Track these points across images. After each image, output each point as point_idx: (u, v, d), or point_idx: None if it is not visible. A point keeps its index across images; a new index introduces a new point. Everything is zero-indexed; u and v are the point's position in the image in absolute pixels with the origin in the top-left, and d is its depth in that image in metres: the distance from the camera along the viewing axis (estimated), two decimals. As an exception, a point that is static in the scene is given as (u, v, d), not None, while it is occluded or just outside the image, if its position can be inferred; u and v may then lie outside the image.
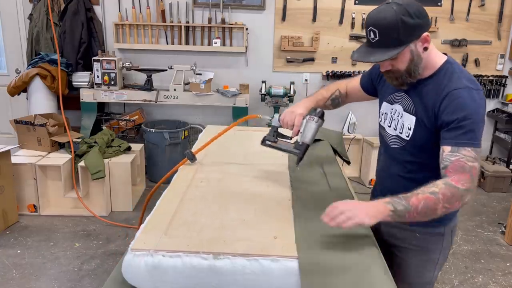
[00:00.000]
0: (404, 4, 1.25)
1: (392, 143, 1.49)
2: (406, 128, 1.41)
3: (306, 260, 1.14)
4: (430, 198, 1.22)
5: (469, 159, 1.25)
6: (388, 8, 1.25)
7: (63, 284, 2.67)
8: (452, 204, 1.24)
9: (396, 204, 1.23)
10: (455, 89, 1.29)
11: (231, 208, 1.46)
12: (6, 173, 3.30)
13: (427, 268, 1.52)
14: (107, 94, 4.18)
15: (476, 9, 4.41)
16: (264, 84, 4.30)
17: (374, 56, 1.28)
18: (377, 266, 1.16)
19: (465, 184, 1.24)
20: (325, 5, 4.38)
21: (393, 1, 1.26)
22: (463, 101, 1.26)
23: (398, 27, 1.23)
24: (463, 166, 1.25)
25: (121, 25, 4.33)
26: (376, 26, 1.26)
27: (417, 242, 1.49)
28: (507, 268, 3.02)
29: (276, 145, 1.63)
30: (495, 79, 4.59)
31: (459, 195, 1.23)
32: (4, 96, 4.30)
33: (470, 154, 1.25)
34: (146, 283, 1.14)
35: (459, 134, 1.26)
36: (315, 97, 1.72)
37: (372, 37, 1.28)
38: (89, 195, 3.63)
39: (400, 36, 1.25)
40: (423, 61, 1.32)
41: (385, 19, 1.24)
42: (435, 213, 1.24)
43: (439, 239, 1.49)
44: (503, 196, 4.31)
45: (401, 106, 1.44)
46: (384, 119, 1.54)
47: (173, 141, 4.16)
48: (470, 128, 1.25)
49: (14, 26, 4.49)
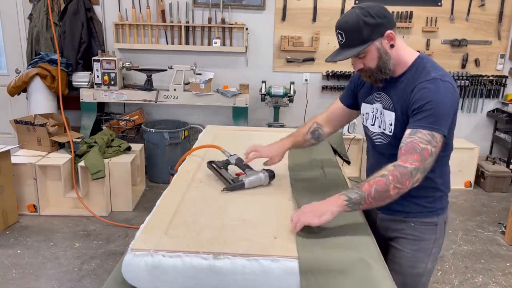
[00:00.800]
0: (366, 7, 1.37)
1: (378, 140, 1.56)
2: (388, 124, 1.49)
3: (305, 260, 1.14)
4: (380, 181, 1.30)
5: (422, 141, 1.32)
6: (352, 12, 1.38)
7: (63, 284, 2.67)
8: (403, 184, 1.30)
9: (350, 193, 1.31)
10: (422, 81, 1.37)
11: (231, 208, 1.46)
12: (6, 173, 3.30)
13: (420, 258, 1.56)
14: (107, 94, 4.18)
15: (476, 9, 4.41)
16: (264, 84, 4.30)
17: (341, 55, 1.40)
18: (377, 266, 1.16)
19: (414, 163, 1.30)
20: (325, 5, 4.38)
21: (357, 6, 1.39)
22: (427, 91, 1.34)
23: (360, 27, 1.35)
24: (415, 147, 1.32)
25: (121, 25, 4.33)
26: (341, 28, 1.39)
27: (411, 232, 1.54)
28: (507, 268, 3.02)
29: (218, 171, 1.72)
30: (495, 79, 4.59)
31: (408, 174, 1.30)
32: (4, 96, 4.30)
33: (425, 137, 1.32)
34: (146, 283, 1.14)
35: (419, 119, 1.34)
36: (293, 135, 1.78)
37: (340, 39, 1.41)
38: (89, 195, 3.63)
39: (363, 35, 1.36)
40: (393, 58, 1.42)
41: (348, 22, 1.37)
42: (388, 195, 1.30)
43: (433, 229, 1.56)
44: (503, 196, 4.30)
45: (380, 104, 1.52)
46: (366, 119, 1.61)
47: (173, 141, 4.17)
48: (430, 113, 1.32)
49: (14, 26, 4.49)
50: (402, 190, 1.31)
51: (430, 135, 1.32)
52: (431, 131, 1.32)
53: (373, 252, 1.24)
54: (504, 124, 4.47)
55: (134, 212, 3.71)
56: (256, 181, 1.64)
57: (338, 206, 1.29)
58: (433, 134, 1.32)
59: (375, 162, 1.60)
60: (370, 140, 1.64)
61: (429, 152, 1.31)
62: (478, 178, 4.49)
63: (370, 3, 1.39)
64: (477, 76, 4.57)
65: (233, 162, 1.75)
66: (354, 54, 1.38)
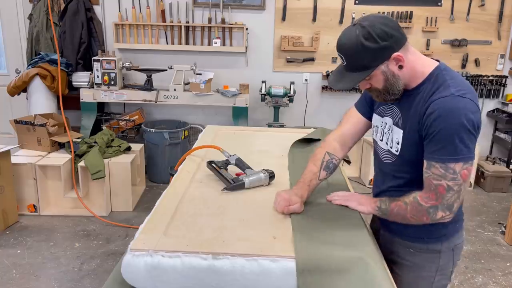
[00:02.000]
0: (368, 26, 1.19)
1: (384, 158, 1.45)
2: (395, 143, 1.37)
3: (303, 259, 1.14)
4: (401, 206, 1.31)
5: (435, 177, 1.22)
6: (351, 32, 1.22)
7: (63, 284, 2.67)
8: (419, 218, 1.28)
9: (382, 203, 1.37)
10: (438, 98, 1.20)
11: (230, 208, 1.46)
12: (6, 173, 3.30)
13: (420, 287, 1.46)
14: (107, 94, 4.18)
15: (476, 9, 4.41)
16: (264, 84, 4.30)
17: (342, 82, 1.28)
18: (376, 265, 1.16)
19: (429, 202, 1.25)
20: (325, 5, 4.38)
21: (358, 23, 1.22)
22: (443, 112, 1.18)
23: (360, 53, 1.21)
24: (429, 185, 1.24)
25: (121, 25, 4.33)
26: (340, 51, 1.26)
27: (411, 258, 1.44)
28: (507, 268, 3.02)
29: (218, 171, 1.70)
30: (495, 79, 4.59)
31: (424, 212, 1.26)
32: (4, 96, 4.30)
33: (437, 171, 1.21)
34: (146, 283, 1.14)
35: (433, 150, 1.22)
36: (304, 180, 1.49)
37: (342, 61, 1.28)
38: (89, 195, 3.64)
39: (364, 62, 1.23)
40: (405, 74, 1.27)
41: (346, 45, 1.24)
42: (407, 219, 1.31)
43: (435, 256, 1.42)
44: (503, 196, 4.30)
45: (391, 119, 1.39)
46: (376, 132, 1.49)
47: (173, 141, 4.17)
48: (444, 144, 1.19)
49: (14, 26, 4.49)
50: (420, 221, 1.29)
51: (444, 168, 1.19)
52: (444, 163, 1.19)
53: (373, 252, 1.24)
54: (504, 124, 4.47)
55: (134, 212, 3.71)
56: (256, 181, 1.64)
57: (372, 208, 1.40)
58: (447, 167, 1.19)
59: (379, 181, 1.52)
60: (377, 156, 1.52)
61: (444, 187, 1.21)
62: (478, 178, 4.49)
63: (374, 19, 1.22)
64: (477, 76, 4.57)
65: (233, 162, 1.75)
66: (355, 82, 1.26)
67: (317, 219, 1.38)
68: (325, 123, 3.21)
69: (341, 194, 1.50)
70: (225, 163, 1.75)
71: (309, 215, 1.40)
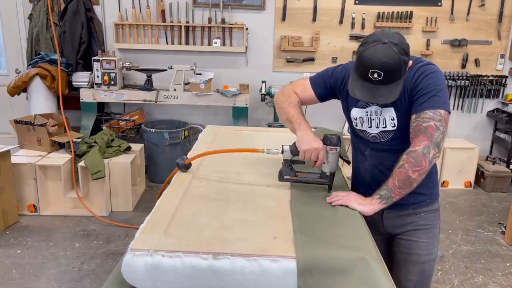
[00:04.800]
0: (399, 43, 1.35)
1: (379, 139, 1.58)
2: (389, 120, 1.52)
3: (303, 260, 1.14)
4: (399, 172, 1.41)
5: (425, 120, 1.40)
6: (389, 50, 1.34)
7: (63, 284, 2.67)
8: (420, 166, 1.38)
9: (380, 191, 1.46)
10: (422, 66, 1.45)
11: (230, 208, 1.46)
12: (6, 173, 3.30)
13: (434, 244, 1.65)
14: (107, 94, 4.18)
15: (476, 9, 4.41)
16: (264, 84, 4.30)
17: (383, 96, 1.38)
18: (377, 265, 1.16)
19: (421, 144, 1.39)
20: (325, 5, 4.38)
21: (389, 41, 1.34)
22: (428, 72, 1.43)
23: (401, 68, 1.36)
24: (419, 129, 1.40)
25: (121, 25, 4.33)
26: (382, 69, 1.34)
27: (424, 222, 1.62)
28: (507, 268, 3.02)
29: (298, 179, 1.60)
30: (495, 79, 4.59)
31: (420, 155, 1.38)
32: (4, 96, 4.30)
33: (427, 115, 1.40)
34: (146, 283, 1.14)
35: (422, 102, 1.42)
36: (302, 116, 1.67)
37: (375, 77, 1.36)
38: (89, 195, 3.64)
39: (401, 74, 1.38)
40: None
41: (389, 63, 1.34)
42: (412, 180, 1.40)
43: (437, 214, 1.66)
44: (503, 196, 4.30)
45: (376, 105, 1.53)
46: (361, 123, 1.60)
47: (173, 141, 4.17)
48: (432, 95, 1.41)
49: (14, 26, 4.49)
50: (423, 170, 1.39)
51: (433, 112, 1.39)
52: (433, 109, 1.39)
53: (373, 252, 1.24)
54: (504, 124, 4.47)
55: (134, 212, 3.71)
56: (335, 160, 1.55)
57: (373, 205, 1.45)
58: (435, 111, 1.39)
59: (377, 163, 1.61)
60: (366, 144, 1.63)
61: (433, 127, 1.38)
62: (478, 178, 4.49)
63: (397, 35, 1.38)
64: (477, 76, 4.57)
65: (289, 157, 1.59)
66: (397, 92, 1.38)
67: (318, 219, 1.38)
68: (325, 123, 3.22)
69: (341, 194, 1.52)
70: (288, 164, 1.59)
71: (310, 216, 1.40)
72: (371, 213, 1.46)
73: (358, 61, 1.41)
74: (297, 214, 1.41)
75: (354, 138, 1.70)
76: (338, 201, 1.49)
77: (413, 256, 1.64)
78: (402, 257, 1.67)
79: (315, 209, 1.45)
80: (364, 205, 1.46)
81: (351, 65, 1.57)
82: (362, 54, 1.37)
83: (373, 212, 1.46)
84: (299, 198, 1.55)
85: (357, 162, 1.73)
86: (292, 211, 1.43)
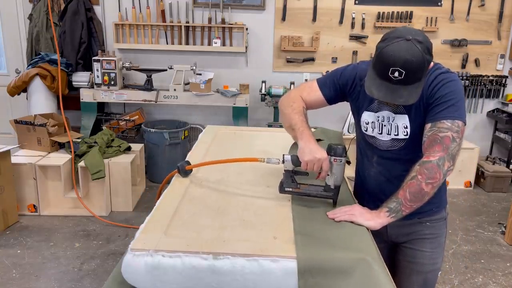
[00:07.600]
0: (423, 41, 1.27)
1: (388, 147, 1.50)
2: (402, 128, 1.44)
3: (304, 260, 1.14)
4: (412, 184, 1.31)
5: (442, 130, 1.31)
6: (413, 48, 1.25)
7: (63, 284, 2.67)
8: (434, 178, 1.30)
9: (389, 204, 1.35)
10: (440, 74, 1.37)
11: (231, 208, 1.46)
12: (6, 173, 3.30)
13: (439, 254, 1.60)
14: (107, 94, 4.18)
15: (476, 9, 4.41)
16: (264, 84, 4.30)
17: (403, 97, 1.29)
18: (377, 266, 1.16)
19: (436, 155, 1.30)
20: (325, 5, 4.38)
21: (413, 38, 1.25)
22: (447, 80, 1.35)
23: (424, 68, 1.28)
24: (435, 139, 1.32)
25: (121, 25, 4.33)
26: (404, 68, 1.25)
27: (429, 231, 1.56)
28: (507, 268, 3.02)
29: (301, 191, 1.49)
30: (495, 79, 4.59)
31: (435, 167, 1.29)
32: (4, 96, 4.30)
33: (444, 125, 1.32)
34: (146, 283, 1.14)
35: (439, 111, 1.34)
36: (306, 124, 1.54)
37: (396, 76, 1.26)
38: (89, 195, 3.63)
39: (422, 75, 1.30)
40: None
41: (413, 62, 1.25)
42: (424, 193, 1.31)
43: (444, 223, 1.60)
44: (503, 196, 4.30)
45: (388, 111, 1.45)
46: (371, 128, 1.51)
47: (173, 141, 4.17)
48: (450, 104, 1.33)
49: (14, 26, 4.49)
50: (436, 183, 1.31)
51: (451, 122, 1.32)
52: (452, 120, 1.32)
53: (374, 253, 1.24)
54: (504, 124, 4.47)
55: (134, 212, 3.71)
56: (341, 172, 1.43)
57: (381, 218, 1.34)
58: (453, 122, 1.32)
59: (384, 170, 1.55)
60: (375, 150, 1.55)
61: (450, 138, 1.30)
62: (478, 178, 4.49)
63: (421, 33, 1.29)
64: (477, 76, 4.57)
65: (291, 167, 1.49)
66: (418, 93, 1.30)
67: (318, 220, 1.38)
68: (325, 123, 3.21)
69: (344, 209, 1.40)
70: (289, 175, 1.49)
71: (310, 216, 1.40)
72: (378, 228, 1.34)
73: (377, 57, 1.29)
74: (297, 214, 1.41)
75: (361, 143, 1.63)
76: (342, 216, 1.36)
77: (417, 265, 1.59)
78: (406, 266, 1.62)
79: (315, 209, 1.45)
80: (371, 219, 1.34)
81: (363, 65, 1.50)
82: (383, 50, 1.26)
83: (381, 226, 1.34)
84: (300, 198, 1.54)
85: (363, 167, 1.67)
86: (292, 211, 1.43)
